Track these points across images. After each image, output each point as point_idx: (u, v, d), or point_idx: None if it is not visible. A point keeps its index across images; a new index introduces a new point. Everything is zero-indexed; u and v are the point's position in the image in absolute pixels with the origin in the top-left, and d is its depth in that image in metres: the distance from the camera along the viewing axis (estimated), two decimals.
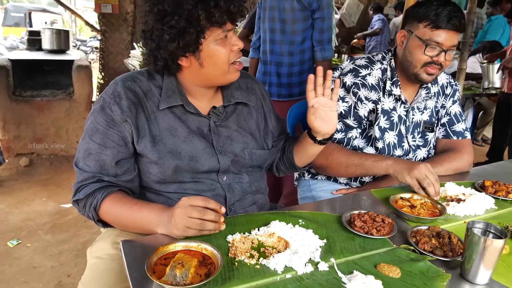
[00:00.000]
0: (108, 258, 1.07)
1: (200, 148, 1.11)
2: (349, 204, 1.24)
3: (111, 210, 1.04)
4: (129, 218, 1.02)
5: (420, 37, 1.38)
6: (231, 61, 1.08)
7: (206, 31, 1.02)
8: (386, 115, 1.49)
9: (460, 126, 1.58)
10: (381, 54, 1.56)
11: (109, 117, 1.06)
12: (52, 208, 2.82)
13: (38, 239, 2.42)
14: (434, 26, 1.35)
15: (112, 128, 1.06)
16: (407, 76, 1.46)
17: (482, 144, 5.26)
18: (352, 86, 1.47)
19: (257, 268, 0.85)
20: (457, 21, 1.34)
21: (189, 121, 1.12)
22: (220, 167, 1.14)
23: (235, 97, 1.20)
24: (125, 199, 1.05)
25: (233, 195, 1.17)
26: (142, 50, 3.28)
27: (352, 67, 1.50)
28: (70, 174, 3.39)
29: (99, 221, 1.07)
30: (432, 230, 1.03)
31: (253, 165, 1.22)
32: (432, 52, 1.37)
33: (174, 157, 1.08)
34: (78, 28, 15.78)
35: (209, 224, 0.92)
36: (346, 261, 0.91)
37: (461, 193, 1.29)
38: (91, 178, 1.06)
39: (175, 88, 1.11)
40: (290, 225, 1.01)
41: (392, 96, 1.50)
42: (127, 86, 1.09)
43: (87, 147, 1.07)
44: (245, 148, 1.19)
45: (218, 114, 1.17)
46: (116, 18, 4.78)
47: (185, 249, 0.88)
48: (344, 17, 6.35)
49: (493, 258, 0.84)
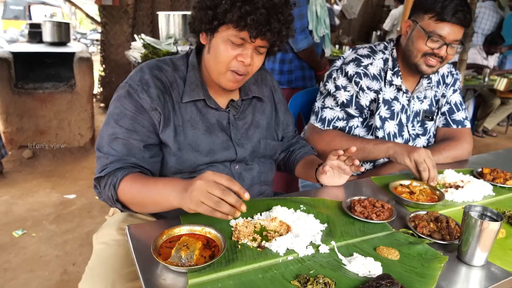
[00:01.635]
0: (114, 243, 1.09)
1: (218, 141, 1.14)
2: (349, 191, 1.26)
3: (128, 188, 1.01)
4: (145, 193, 0.98)
5: (424, 28, 1.38)
6: (231, 67, 1.06)
7: (224, 24, 1.02)
8: (387, 104, 1.51)
9: (460, 115, 1.60)
10: (383, 44, 1.57)
11: (137, 103, 1.06)
12: (56, 199, 2.85)
13: (42, 229, 2.46)
14: (439, 18, 1.34)
15: (142, 114, 1.06)
16: (408, 66, 1.47)
17: (483, 135, 5.27)
18: (354, 75, 1.48)
19: (259, 250, 0.88)
20: (462, 15, 1.32)
21: (209, 114, 1.15)
22: (237, 157, 1.17)
23: (252, 91, 1.23)
24: (144, 177, 1.03)
25: (243, 184, 1.20)
26: (143, 42, 3.28)
27: (354, 57, 1.52)
28: (73, 166, 3.42)
29: (117, 201, 1.03)
30: (431, 215, 1.05)
31: (266, 155, 1.25)
32: (434, 44, 1.37)
33: (193, 149, 1.11)
34: (78, 21, 15.71)
35: (226, 207, 0.83)
36: (346, 244, 0.93)
37: (460, 180, 1.31)
38: (117, 161, 1.04)
39: (198, 82, 1.14)
40: (292, 210, 1.03)
41: (393, 86, 1.52)
42: (155, 74, 1.10)
43: (114, 131, 1.06)
44: (261, 139, 1.23)
45: (236, 107, 1.20)
46: (116, 10, 4.77)
47: (190, 233, 0.91)
48: (345, 8, 6.33)
49: (489, 241, 0.87)
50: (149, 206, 1.03)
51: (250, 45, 1.04)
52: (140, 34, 3.68)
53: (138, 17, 4.96)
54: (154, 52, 3.22)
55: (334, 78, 1.53)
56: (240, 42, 1.03)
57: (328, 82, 1.54)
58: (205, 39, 1.10)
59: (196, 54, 1.18)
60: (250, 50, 1.05)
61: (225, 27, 1.03)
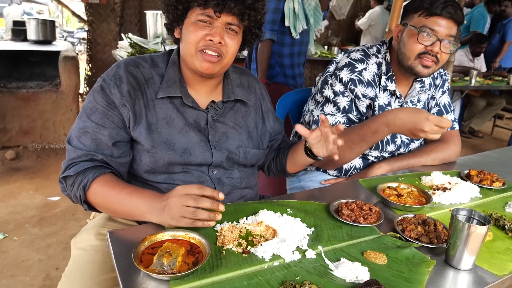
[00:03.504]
0: (91, 249, 1.06)
1: (195, 141, 1.11)
2: (337, 193, 1.25)
3: (100, 191, 1.00)
4: (118, 201, 0.99)
5: (415, 25, 1.35)
6: (199, 47, 1.04)
7: (190, 9, 1.05)
8: (381, 110, 1.47)
9: (449, 117, 1.60)
10: (376, 46, 1.51)
11: (109, 99, 1.05)
12: (40, 201, 2.78)
13: (25, 232, 2.39)
14: (429, 13, 1.32)
15: (112, 110, 1.05)
16: (404, 70, 1.42)
17: (470, 136, 5.34)
18: (348, 82, 1.43)
19: (245, 256, 0.85)
20: (453, 10, 1.30)
21: (187, 113, 1.12)
22: (213, 161, 1.13)
23: (235, 93, 1.19)
24: (117, 182, 1.02)
25: (222, 189, 1.17)
26: (130, 41, 3.23)
27: (347, 61, 1.45)
28: (57, 166, 3.34)
29: (85, 202, 1.03)
30: (418, 218, 1.04)
31: (246, 163, 1.21)
32: (426, 40, 1.33)
33: (167, 147, 1.08)
34: (65, 19, 15.45)
35: (203, 213, 0.87)
36: (334, 248, 0.92)
37: (447, 182, 1.31)
38: (84, 156, 1.03)
39: (176, 79, 1.11)
40: (278, 214, 1.01)
41: (387, 91, 1.48)
42: (129, 70, 1.09)
43: (84, 125, 1.04)
44: (240, 146, 1.18)
45: (217, 109, 1.16)
46: (103, 8, 4.70)
47: (173, 238, 0.88)
48: (334, 9, 6.34)
49: (476, 244, 0.86)
50: (120, 214, 1.05)
51: (217, 22, 1.04)
52: (128, 33, 3.63)
53: (125, 15, 4.89)
54: (142, 51, 3.17)
55: (330, 84, 1.46)
56: (207, 19, 1.03)
57: (325, 89, 1.47)
58: (178, 32, 1.12)
59: (178, 54, 1.16)
60: (219, 28, 1.04)
61: (191, 11, 1.05)
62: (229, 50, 1.07)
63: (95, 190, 1.00)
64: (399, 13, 2.71)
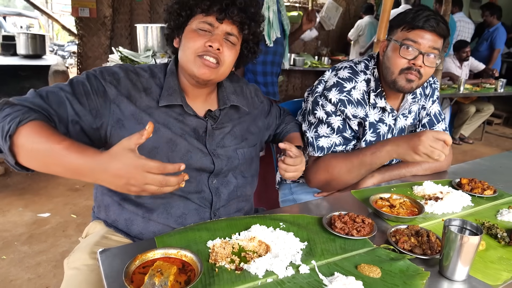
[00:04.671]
0: (86, 268, 1.03)
1: (195, 146, 1.12)
2: (329, 205, 1.24)
3: (34, 133, 0.83)
4: (52, 154, 0.82)
5: (398, 39, 1.34)
6: (198, 52, 1.06)
7: (192, 17, 1.09)
8: (372, 127, 1.46)
9: (440, 126, 1.60)
10: (363, 62, 1.48)
11: (102, 87, 1.03)
12: (29, 218, 2.73)
13: (14, 250, 2.34)
14: (411, 27, 1.31)
15: (96, 96, 1.01)
16: (387, 85, 1.41)
17: (460, 142, 5.40)
18: (338, 103, 1.40)
19: (237, 273, 0.84)
20: (435, 22, 1.29)
21: (187, 120, 1.13)
22: (215, 168, 1.14)
23: (230, 100, 1.21)
24: (57, 132, 0.86)
25: (219, 200, 1.17)
26: (120, 55, 3.23)
27: (335, 81, 1.42)
28: (47, 182, 3.29)
29: (9, 137, 0.83)
30: (411, 229, 1.04)
31: (245, 164, 1.23)
32: (409, 54, 1.31)
33: (169, 148, 1.08)
34: (56, 32, 15.42)
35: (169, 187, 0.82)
36: (327, 263, 0.91)
37: (439, 192, 1.31)
38: (38, 107, 0.91)
39: (176, 87, 1.13)
40: (271, 228, 1.00)
41: (377, 108, 1.46)
42: (130, 77, 1.09)
43: (59, 86, 1.00)
44: (238, 149, 1.20)
45: (214, 117, 1.18)
46: (94, 22, 4.70)
47: (164, 257, 0.86)
48: (323, 20, 6.42)
49: (469, 255, 0.86)
50: (54, 171, 0.85)
51: (218, 30, 1.07)
52: (118, 46, 3.62)
53: (116, 29, 4.90)
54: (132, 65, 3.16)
55: (321, 105, 1.43)
56: (208, 28, 1.07)
57: (317, 110, 1.45)
58: (177, 42, 1.14)
59: (175, 64, 1.18)
60: (219, 35, 1.07)
61: (193, 19, 1.09)
62: (227, 60, 1.10)
63: (30, 129, 0.83)
64: (387, 24, 2.75)
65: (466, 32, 5.66)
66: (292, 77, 6.53)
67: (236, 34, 1.10)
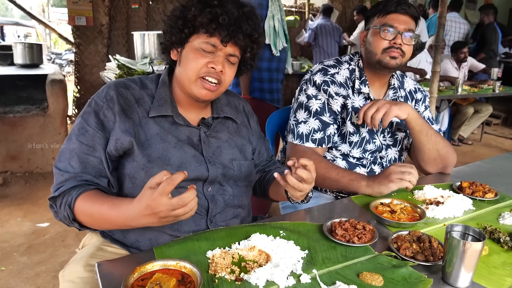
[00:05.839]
0: (80, 281, 1.02)
1: (190, 155, 1.11)
2: (330, 212, 1.23)
3: (83, 208, 0.99)
4: (102, 217, 0.98)
5: (376, 25, 1.47)
6: (201, 74, 1.07)
7: (194, 34, 1.07)
8: (356, 111, 1.52)
9: (435, 127, 1.60)
10: (348, 56, 1.63)
11: (101, 121, 1.06)
12: (28, 228, 2.71)
13: (13, 261, 2.32)
14: (385, 12, 1.45)
15: (102, 132, 1.05)
16: (373, 66, 1.51)
17: (459, 143, 5.39)
18: (322, 84, 1.52)
19: (238, 284, 0.83)
20: (406, 6, 1.43)
21: (179, 130, 1.12)
22: (209, 176, 1.12)
23: (224, 111, 1.22)
24: (98, 196, 1.01)
25: (216, 207, 1.15)
26: (117, 63, 3.23)
27: (321, 67, 1.57)
28: (46, 192, 3.28)
29: (74, 220, 1.02)
30: (413, 235, 1.03)
31: (241, 176, 1.21)
32: (388, 35, 1.44)
33: (163, 163, 1.07)
34: (53, 41, 15.45)
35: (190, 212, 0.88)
36: (329, 271, 0.90)
37: (440, 196, 1.30)
38: (72, 178, 1.02)
39: (167, 98, 1.12)
40: (271, 237, 0.99)
41: (361, 94, 1.55)
42: (120, 92, 1.10)
43: (73, 148, 1.04)
44: (234, 160, 1.19)
45: (208, 124, 1.18)
46: (90, 30, 4.71)
47: (163, 268, 0.85)
48: None
49: (473, 261, 0.85)
50: (110, 227, 1.06)
51: (221, 52, 1.07)
52: (115, 54, 3.62)
53: (113, 37, 4.91)
54: (129, 72, 3.16)
55: (304, 89, 1.55)
56: (211, 49, 1.06)
57: (300, 95, 1.56)
58: (176, 54, 1.13)
59: (168, 74, 1.18)
60: (221, 57, 1.07)
61: (195, 37, 1.07)
62: (227, 79, 1.11)
63: (80, 207, 0.99)
64: None
65: (457, 32, 5.69)
66: (290, 81, 6.54)
67: (237, 55, 1.11)
